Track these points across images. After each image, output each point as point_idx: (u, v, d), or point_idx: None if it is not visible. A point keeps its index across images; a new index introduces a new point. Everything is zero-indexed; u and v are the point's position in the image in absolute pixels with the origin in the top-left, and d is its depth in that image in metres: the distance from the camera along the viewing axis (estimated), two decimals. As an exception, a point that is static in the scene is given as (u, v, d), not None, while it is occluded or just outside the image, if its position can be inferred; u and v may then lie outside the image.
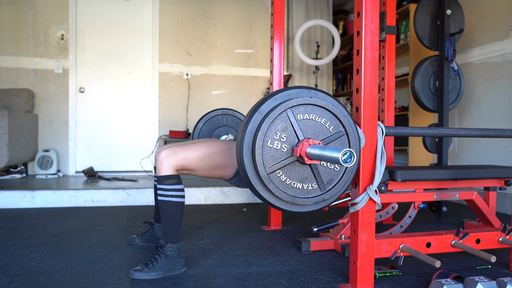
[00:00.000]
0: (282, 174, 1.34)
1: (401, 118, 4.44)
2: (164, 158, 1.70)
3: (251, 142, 1.35)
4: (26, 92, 4.13)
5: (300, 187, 1.37)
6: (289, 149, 1.35)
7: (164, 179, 1.69)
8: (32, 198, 3.15)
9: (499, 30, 3.31)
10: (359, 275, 1.50)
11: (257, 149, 1.31)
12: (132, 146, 4.65)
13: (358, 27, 1.47)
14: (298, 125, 1.36)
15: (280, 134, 1.34)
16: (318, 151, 1.26)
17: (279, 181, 1.34)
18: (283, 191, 1.34)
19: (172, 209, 1.69)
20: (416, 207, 2.28)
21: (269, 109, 1.37)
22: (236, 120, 2.47)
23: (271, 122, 1.33)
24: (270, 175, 1.32)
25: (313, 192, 1.38)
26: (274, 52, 2.59)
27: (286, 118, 1.35)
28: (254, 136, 1.34)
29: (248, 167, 1.35)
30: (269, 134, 1.33)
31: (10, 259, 1.85)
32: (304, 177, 1.37)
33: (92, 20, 4.54)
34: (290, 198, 1.35)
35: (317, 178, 1.38)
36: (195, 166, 1.73)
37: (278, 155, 1.34)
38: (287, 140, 1.35)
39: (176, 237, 1.70)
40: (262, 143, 1.31)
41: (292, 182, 1.36)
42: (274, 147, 1.33)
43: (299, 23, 5.18)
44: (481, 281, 1.41)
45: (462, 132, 1.65)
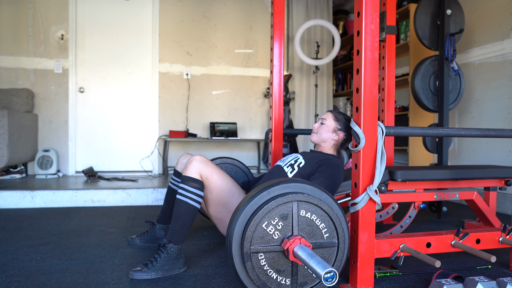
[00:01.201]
0: (263, 258, 1.33)
1: (401, 118, 4.44)
2: (197, 161, 1.76)
3: (249, 215, 1.35)
4: (26, 92, 4.13)
5: (274, 278, 1.35)
6: (280, 238, 1.35)
7: (189, 180, 1.73)
8: (32, 198, 3.15)
9: (499, 30, 3.31)
10: (359, 275, 1.50)
11: (251, 223, 1.31)
12: (132, 146, 4.65)
13: (358, 27, 1.47)
14: (297, 220, 1.36)
15: (278, 221, 1.34)
16: (305, 256, 1.25)
17: (257, 263, 1.32)
18: (257, 274, 1.33)
19: (186, 211, 1.71)
20: (416, 207, 2.28)
21: (279, 193, 1.37)
22: (235, 169, 2.48)
23: (276, 206, 1.33)
24: (252, 254, 1.32)
25: (283, 287, 1.36)
26: (274, 52, 2.59)
27: (290, 209, 1.35)
28: (255, 211, 1.34)
29: (235, 236, 1.34)
30: (269, 216, 1.33)
31: (10, 259, 1.85)
32: (282, 270, 1.36)
33: (92, 20, 4.54)
34: (260, 284, 1.33)
35: (293, 275, 1.37)
36: (214, 188, 1.79)
37: (267, 239, 1.33)
38: (282, 229, 1.35)
39: (180, 239, 1.71)
40: (259, 221, 1.32)
41: (269, 270, 1.34)
42: (267, 230, 1.33)
43: (299, 23, 5.18)
44: (481, 281, 1.41)
45: (462, 132, 1.65)
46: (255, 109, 5.01)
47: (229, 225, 1.39)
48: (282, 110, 2.65)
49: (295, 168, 1.88)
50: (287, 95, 4.71)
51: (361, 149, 1.47)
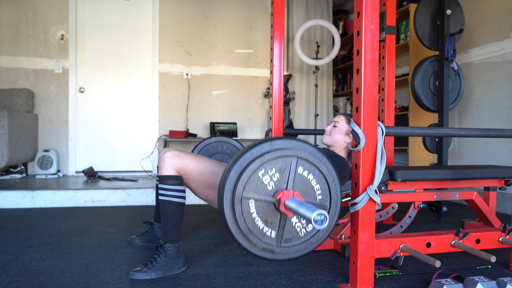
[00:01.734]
0: (253, 206, 1.34)
1: (401, 118, 4.44)
2: (169, 158, 1.71)
3: (247, 162, 1.35)
4: (26, 92, 4.13)
5: (260, 227, 1.35)
6: (274, 190, 1.35)
7: (166, 179, 1.70)
8: (32, 198, 3.15)
9: (499, 30, 3.31)
10: (359, 275, 1.50)
11: (248, 169, 1.31)
12: (132, 146, 4.65)
13: (358, 27, 1.47)
14: (294, 176, 1.37)
15: (275, 173, 1.35)
16: (296, 204, 1.26)
17: (247, 209, 1.33)
18: (245, 220, 1.33)
19: (172, 209, 1.69)
20: (416, 207, 2.28)
21: (281, 147, 1.38)
22: (231, 147, 2.48)
23: (275, 157, 1.34)
24: (243, 199, 1.32)
25: (267, 239, 1.37)
26: (274, 52, 2.59)
27: (289, 163, 1.36)
28: (254, 158, 1.34)
29: (229, 180, 1.34)
30: (267, 165, 1.34)
31: (10, 259, 1.85)
32: (269, 222, 1.36)
33: (92, 20, 4.54)
34: (246, 230, 1.33)
35: (279, 229, 1.38)
36: (194, 176, 1.74)
37: (261, 187, 1.34)
38: (277, 181, 1.36)
39: (175, 237, 1.71)
40: (256, 168, 1.32)
41: (257, 219, 1.35)
42: (263, 179, 1.34)
43: (299, 23, 5.18)
44: (481, 281, 1.41)
45: (462, 132, 1.65)
46: (255, 109, 5.01)
47: (225, 170, 1.38)
48: (282, 110, 2.65)
49: None
50: (287, 95, 4.71)
51: (361, 149, 1.47)
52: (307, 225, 1.40)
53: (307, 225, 1.40)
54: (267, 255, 1.39)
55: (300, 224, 1.39)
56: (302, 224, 1.40)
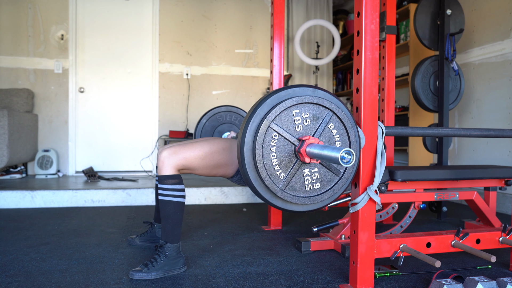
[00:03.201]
0: (275, 140, 1.32)
1: (401, 118, 4.44)
2: (166, 157, 1.70)
3: (284, 98, 1.34)
4: (26, 92, 4.13)
5: (273, 163, 1.33)
6: (301, 133, 1.35)
7: (165, 179, 1.70)
8: (32, 198, 3.15)
9: (499, 30, 3.31)
10: (359, 275, 1.50)
11: (286, 102, 1.31)
12: (132, 146, 4.65)
13: (358, 27, 1.47)
14: (323, 128, 1.37)
15: (308, 117, 1.35)
16: (319, 148, 1.25)
17: (268, 141, 1.31)
18: (262, 149, 1.30)
19: (172, 209, 1.69)
20: (416, 207, 2.28)
21: (323, 97, 1.39)
22: (239, 118, 2.46)
23: (314, 103, 1.35)
24: (269, 129, 1.30)
25: (275, 178, 1.33)
26: (274, 52, 2.59)
27: (324, 115, 1.37)
28: (293, 96, 1.34)
29: (264, 106, 1.32)
30: (304, 107, 1.35)
31: (10, 259, 1.85)
32: (284, 163, 1.34)
33: (92, 20, 4.54)
34: (260, 161, 1.30)
35: (289, 174, 1.36)
36: (197, 165, 1.73)
37: (290, 126, 1.34)
38: (307, 126, 1.35)
39: (175, 237, 1.70)
40: (293, 104, 1.32)
41: (273, 154, 1.32)
42: (295, 118, 1.33)
43: (299, 23, 5.17)
44: (481, 281, 1.41)
45: (462, 132, 1.65)
46: (255, 109, 5.00)
47: (262, 97, 1.37)
48: (282, 110, 2.64)
49: None
50: (287, 95, 4.70)
51: (361, 149, 1.47)
52: (315, 183, 1.39)
53: (316, 183, 1.39)
54: (268, 195, 1.37)
55: (310, 178, 1.38)
56: (311, 179, 1.38)
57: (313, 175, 1.39)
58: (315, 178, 1.39)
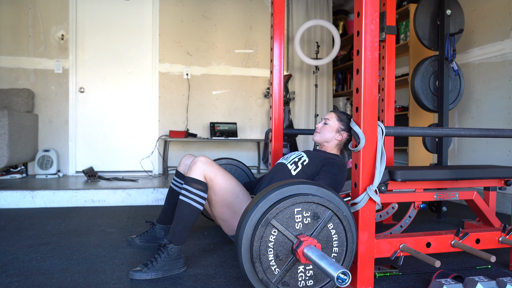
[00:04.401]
0: (275, 236, 1.33)
1: (401, 118, 4.44)
2: (201, 162, 1.74)
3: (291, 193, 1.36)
4: (26, 92, 4.13)
5: (269, 258, 1.33)
6: (299, 231, 1.36)
7: (192, 182, 1.72)
8: (32, 198, 3.15)
9: (499, 30, 3.31)
10: (359, 275, 1.50)
11: (290, 200, 1.34)
12: (132, 146, 4.65)
13: (358, 27, 1.47)
14: (322, 228, 1.38)
15: (309, 216, 1.37)
16: (316, 255, 1.25)
17: (267, 235, 1.32)
18: (260, 244, 1.31)
19: (188, 212, 1.70)
20: (416, 207, 2.28)
21: (326, 198, 1.40)
22: (239, 171, 2.51)
23: (316, 203, 1.37)
24: (269, 225, 1.32)
25: (269, 273, 1.34)
26: (274, 52, 2.59)
27: (325, 215, 1.38)
28: (297, 194, 1.37)
29: (268, 200, 1.34)
30: (307, 206, 1.37)
31: (10, 259, 1.85)
32: (280, 258, 1.34)
33: (92, 20, 4.55)
34: (256, 254, 1.32)
35: (284, 270, 1.35)
36: (218, 189, 1.77)
37: (290, 223, 1.35)
38: (306, 225, 1.37)
39: (181, 240, 1.71)
40: (295, 203, 1.35)
41: (270, 249, 1.33)
42: (296, 216, 1.35)
43: (299, 23, 5.18)
44: (481, 281, 1.41)
45: (462, 132, 1.65)
46: (255, 109, 5.01)
47: (266, 190, 1.39)
48: (282, 110, 2.65)
49: (298, 166, 1.88)
50: (287, 95, 4.71)
51: (361, 149, 1.47)
52: (308, 280, 1.39)
53: (309, 280, 1.39)
54: (259, 287, 1.37)
55: (303, 275, 1.38)
56: (305, 276, 1.38)
57: (307, 272, 1.39)
58: (308, 275, 1.39)
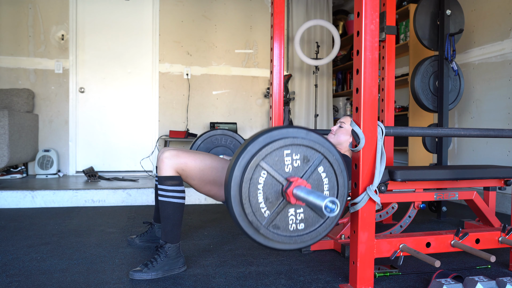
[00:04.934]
0: (263, 178, 1.32)
1: (401, 118, 4.44)
2: (167, 158, 1.70)
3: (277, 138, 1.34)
4: (27, 92, 4.13)
5: (259, 200, 1.32)
6: (289, 174, 1.35)
7: (165, 180, 1.70)
8: (33, 198, 3.15)
9: (499, 30, 3.31)
10: (359, 275, 1.50)
11: (277, 142, 1.31)
12: (132, 146, 4.65)
13: (358, 27, 1.47)
14: (313, 171, 1.38)
15: (298, 158, 1.35)
16: (305, 192, 1.25)
17: (256, 178, 1.30)
18: (249, 186, 1.30)
19: (172, 210, 1.69)
20: (416, 207, 2.28)
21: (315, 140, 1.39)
22: (234, 142, 2.51)
23: (306, 146, 1.35)
24: (258, 167, 1.30)
25: (259, 215, 1.33)
26: (274, 52, 2.59)
27: (315, 158, 1.37)
28: (286, 136, 1.34)
29: (256, 144, 1.32)
30: (295, 149, 1.35)
31: (10, 259, 1.85)
32: (270, 201, 1.33)
33: (92, 20, 4.55)
34: (246, 196, 1.30)
35: (274, 212, 1.36)
36: (194, 174, 1.73)
37: (279, 166, 1.33)
38: (296, 168, 1.35)
39: (175, 237, 1.71)
40: (284, 145, 1.32)
41: (260, 191, 1.32)
42: (285, 158, 1.33)
43: (299, 23, 5.18)
44: (481, 281, 1.41)
45: (462, 132, 1.65)
46: (255, 109, 5.01)
47: (255, 134, 1.37)
48: (282, 110, 2.65)
49: None
50: (287, 95, 4.71)
51: (361, 149, 1.47)
52: (299, 223, 1.39)
53: (300, 223, 1.39)
54: (251, 231, 1.35)
55: (294, 218, 1.38)
56: (296, 219, 1.38)
57: (298, 215, 1.38)
58: (299, 218, 1.38)
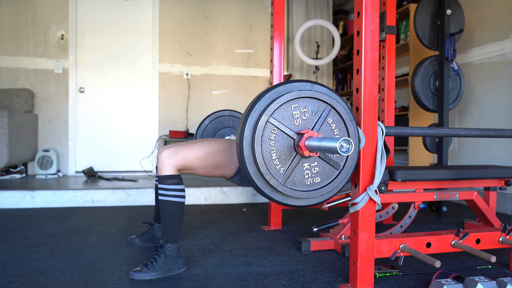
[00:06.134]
0: (274, 134, 1.31)
1: (401, 118, 4.44)
2: (166, 157, 1.70)
3: (283, 92, 1.34)
4: (26, 92, 4.13)
5: (273, 158, 1.32)
6: (299, 127, 1.35)
7: (165, 179, 1.70)
8: (32, 198, 3.15)
9: (499, 30, 3.31)
10: (359, 275, 1.50)
11: (284, 97, 1.31)
12: (132, 146, 4.65)
13: (358, 27, 1.47)
14: (322, 122, 1.37)
15: (307, 111, 1.35)
16: (317, 140, 1.25)
17: (267, 136, 1.30)
18: (261, 144, 1.29)
19: (172, 209, 1.69)
20: (416, 207, 2.28)
21: (321, 92, 1.38)
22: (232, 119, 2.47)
23: (312, 97, 1.35)
24: (268, 124, 1.30)
25: (275, 172, 1.33)
26: (274, 52, 2.59)
27: (323, 109, 1.37)
28: (292, 90, 1.34)
29: (263, 101, 1.32)
30: (302, 101, 1.34)
31: (10, 259, 1.85)
32: (283, 157, 1.33)
33: (92, 20, 4.54)
34: (260, 156, 1.29)
35: (289, 168, 1.35)
36: (197, 165, 1.73)
37: (289, 120, 1.33)
38: (305, 120, 1.35)
39: (175, 237, 1.70)
40: (291, 99, 1.32)
41: (272, 148, 1.32)
42: (293, 112, 1.33)
43: (299, 23, 5.17)
44: (481, 281, 1.41)
45: (462, 132, 1.65)
46: (255, 109, 5.00)
47: (261, 92, 1.37)
48: (282, 110, 2.64)
49: None
50: (287, 95, 4.70)
51: (361, 149, 1.47)
52: (315, 177, 1.38)
53: (316, 177, 1.38)
54: (268, 190, 1.36)
55: (309, 172, 1.37)
56: (311, 173, 1.37)
57: (313, 169, 1.38)
58: (315, 172, 1.38)
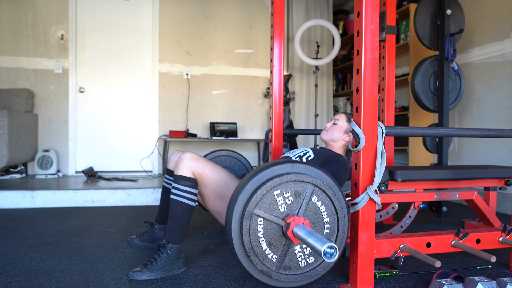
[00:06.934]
0: (261, 225, 1.32)
1: (401, 118, 4.44)
2: (187, 159, 1.73)
3: (265, 179, 1.33)
4: (26, 92, 4.13)
5: (263, 248, 1.32)
6: (285, 213, 1.35)
7: (181, 179, 1.71)
8: (32, 198, 3.15)
9: (499, 30, 3.31)
10: (359, 275, 1.50)
11: (265, 186, 1.30)
12: (132, 146, 4.65)
13: (358, 27, 1.47)
14: (307, 203, 1.36)
15: (290, 195, 1.34)
16: (304, 233, 1.24)
17: (254, 227, 1.30)
18: (250, 236, 1.30)
19: (181, 210, 1.70)
20: (416, 207, 2.28)
21: (302, 172, 1.38)
22: (238, 164, 2.53)
23: (294, 180, 1.34)
24: (253, 216, 1.30)
25: (267, 262, 1.33)
26: (274, 52, 2.59)
27: (305, 190, 1.35)
28: (273, 177, 1.33)
29: (245, 191, 1.33)
30: (284, 186, 1.33)
31: (10, 259, 1.85)
32: (274, 245, 1.34)
33: (92, 20, 4.54)
34: (249, 248, 1.30)
35: (281, 255, 1.35)
36: (209, 183, 1.77)
37: (274, 208, 1.33)
38: (290, 205, 1.34)
39: (179, 239, 1.71)
40: (272, 187, 1.31)
41: (262, 238, 1.32)
42: (277, 199, 1.32)
43: (299, 23, 5.17)
44: (481, 281, 1.41)
45: (462, 132, 1.65)
46: (255, 109, 5.01)
47: (242, 181, 1.37)
48: (282, 110, 2.65)
49: (303, 160, 1.89)
50: (287, 95, 4.71)
51: (361, 149, 1.47)
52: (309, 257, 1.38)
53: (309, 257, 1.38)
54: (263, 278, 1.37)
55: (302, 254, 1.37)
56: (304, 255, 1.38)
57: (305, 250, 1.38)
58: (307, 253, 1.38)
